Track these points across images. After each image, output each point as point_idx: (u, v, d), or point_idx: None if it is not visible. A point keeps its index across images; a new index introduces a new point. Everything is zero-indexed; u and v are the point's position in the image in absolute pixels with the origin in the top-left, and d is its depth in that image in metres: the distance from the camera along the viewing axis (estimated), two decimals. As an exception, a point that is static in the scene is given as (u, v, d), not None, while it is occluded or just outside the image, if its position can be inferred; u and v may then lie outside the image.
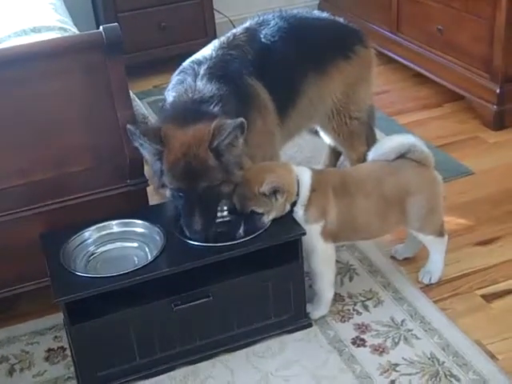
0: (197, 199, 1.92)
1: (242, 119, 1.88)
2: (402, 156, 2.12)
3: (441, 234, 2.21)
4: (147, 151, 1.96)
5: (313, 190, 2.02)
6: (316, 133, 2.79)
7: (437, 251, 2.24)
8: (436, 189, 2.16)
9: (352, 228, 2.10)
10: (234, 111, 2.02)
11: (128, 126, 1.92)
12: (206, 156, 1.90)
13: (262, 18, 2.42)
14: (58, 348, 2.13)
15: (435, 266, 2.25)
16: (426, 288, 2.24)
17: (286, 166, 2.08)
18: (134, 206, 2.19)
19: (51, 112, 2.01)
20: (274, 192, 1.95)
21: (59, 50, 1.95)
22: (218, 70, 2.14)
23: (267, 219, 1.99)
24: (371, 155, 2.20)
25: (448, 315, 2.12)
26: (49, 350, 2.13)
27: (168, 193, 1.98)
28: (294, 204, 2.02)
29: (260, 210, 1.96)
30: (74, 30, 2.50)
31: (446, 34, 3.37)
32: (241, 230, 1.98)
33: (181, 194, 1.94)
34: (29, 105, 1.98)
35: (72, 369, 2.03)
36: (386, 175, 2.11)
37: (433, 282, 2.25)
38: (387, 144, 2.17)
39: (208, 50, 2.25)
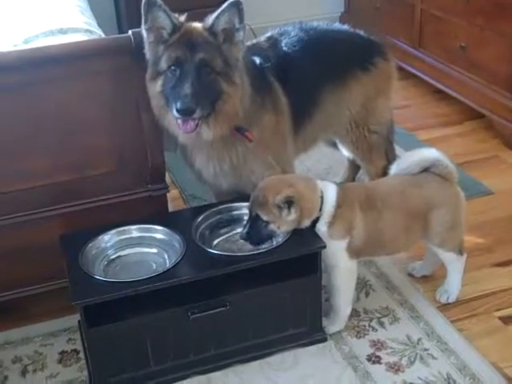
0: (192, 70, 1.93)
1: None
2: (426, 170, 2.11)
3: (460, 251, 2.20)
4: (154, 33, 1.95)
5: (338, 206, 2.00)
6: (335, 145, 2.79)
7: (455, 270, 2.22)
8: (459, 204, 2.15)
9: (378, 243, 2.08)
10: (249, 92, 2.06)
11: None
12: (205, 33, 1.98)
13: (283, 29, 2.45)
14: (72, 350, 2.13)
15: (453, 286, 2.24)
16: (443, 307, 2.22)
17: (309, 181, 2.05)
18: (154, 212, 2.19)
19: (77, 114, 2.01)
20: (289, 206, 1.93)
21: (89, 52, 1.95)
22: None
23: (277, 229, 1.97)
24: (394, 169, 2.19)
25: (465, 336, 2.10)
26: (62, 352, 2.12)
27: (160, 81, 1.97)
28: (316, 220, 2.00)
29: (264, 218, 1.95)
30: (99, 33, 2.50)
31: (468, 51, 3.37)
32: (244, 231, 1.98)
33: (177, 68, 1.94)
34: (55, 106, 1.98)
35: (85, 372, 2.03)
36: (411, 188, 2.10)
37: (450, 301, 2.24)
38: (411, 158, 2.16)
39: None
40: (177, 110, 1.91)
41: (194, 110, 1.91)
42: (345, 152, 2.74)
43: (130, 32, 1.98)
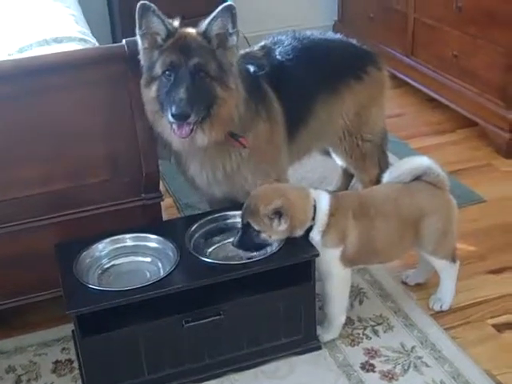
0: (187, 75, 1.93)
1: (230, 3, 1.94)
2: (418, 178, 2.12)
3: (453, 259, 2.20)
4: (148, 39, 1.96)
5: (331, 214, 2.00)
6: (328, 154, 2.80)
7: (448, 278, 2.23)
8: (450, 212, 2.16)
9: (371, 251, 2.09)
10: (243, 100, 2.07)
11: (142, 2, 1.92)
12: (199, 38, 1.98)
13: (276, 38, 2.46)
14: (66, 360, 2.12)
15: (446, 294, 2.24)
16: (437, 315, 2.23)
17: (302, 190, 2.05)
18: (148, 221, 2.19)
19: (71, 122, 2.02)
20: (279, 216, 1.93)
21: (83, 62, 1.96)
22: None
23: (268, 238, 1.97)
24: (386, 177, 2.20)
25: (459, 344, 2.11)
26: (56, 362, 2.12)
27: (155, 86, 1.97)
28: (310, 228, 2.01)
29: (256, 227, 1.95)
30: (93, 42, 2.50)
31: (461, 59, 3.39)
32: (236, 239, 1.99)
33: (172, 73, 1.94)
34: (50, 115, 1.99)
35: (79, 382, 2.02)
36: (403, 196, 2.11)
37: (444, 309, 2.24)
38: (404, 166, 2.17)
39: None
40: (172, 115, 1.91)
41: (190, 114, 1.91)
42: (338, 160, 2.75)
43: (123, 41, 1.99)
